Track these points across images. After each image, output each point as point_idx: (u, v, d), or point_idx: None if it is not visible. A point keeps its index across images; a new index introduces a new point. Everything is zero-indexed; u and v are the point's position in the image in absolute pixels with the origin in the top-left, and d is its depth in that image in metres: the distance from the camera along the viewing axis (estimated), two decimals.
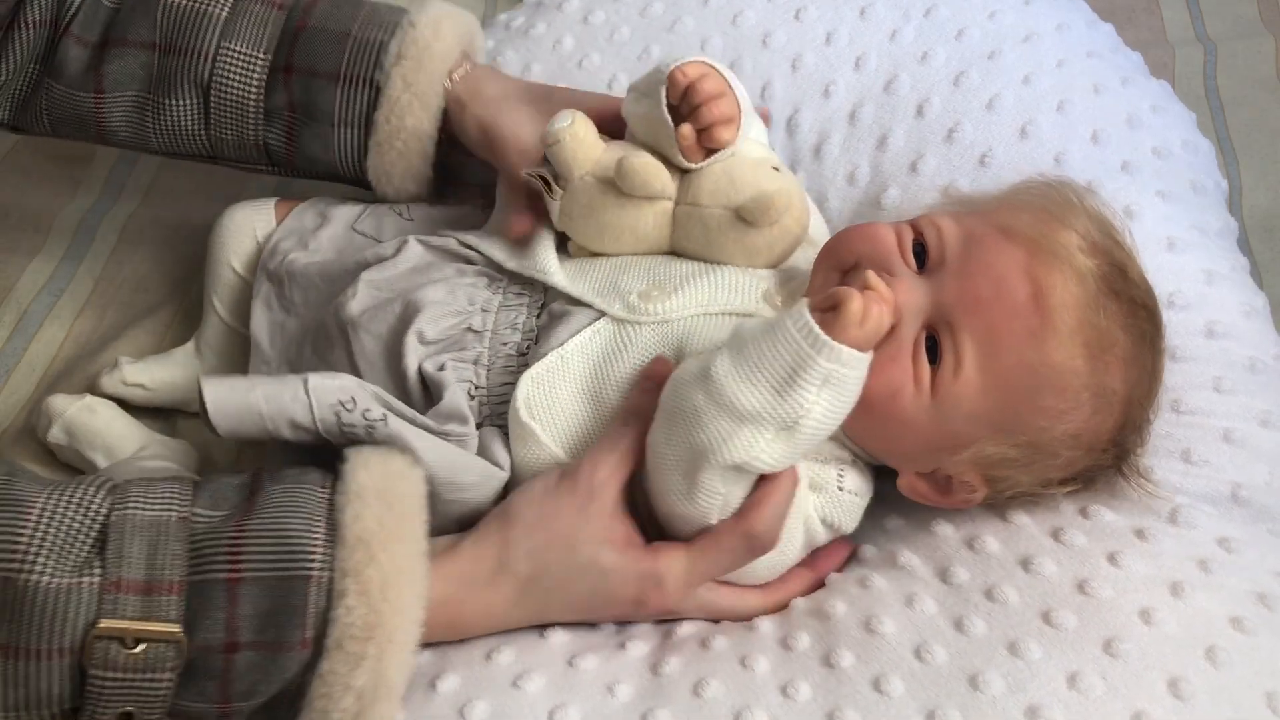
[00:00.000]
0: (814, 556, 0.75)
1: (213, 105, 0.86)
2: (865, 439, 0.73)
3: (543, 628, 0.72)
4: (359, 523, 0.65)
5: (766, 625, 0.72)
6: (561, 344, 0.75)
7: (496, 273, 0.81)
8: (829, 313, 0.64)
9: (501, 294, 0.79)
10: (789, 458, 0.67)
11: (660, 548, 0.71)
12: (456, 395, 0.74)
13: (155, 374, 0.92)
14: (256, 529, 0.64)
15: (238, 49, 0.85)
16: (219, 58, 0.85)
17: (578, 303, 0.77)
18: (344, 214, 0.89)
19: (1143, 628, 0.66)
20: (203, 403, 0.69)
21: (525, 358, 0.76)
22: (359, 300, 0.79)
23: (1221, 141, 1.09)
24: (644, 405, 0.71)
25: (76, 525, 0.63)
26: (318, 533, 0.64)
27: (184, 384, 0.92)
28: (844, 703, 0.65)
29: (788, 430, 0.65)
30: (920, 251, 0.73)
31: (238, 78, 0.85)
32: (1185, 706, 0.63)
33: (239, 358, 0.91)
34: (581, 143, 0.76)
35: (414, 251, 0.82)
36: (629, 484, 0.72)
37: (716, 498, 0.68)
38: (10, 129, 0.90)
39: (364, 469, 0.67)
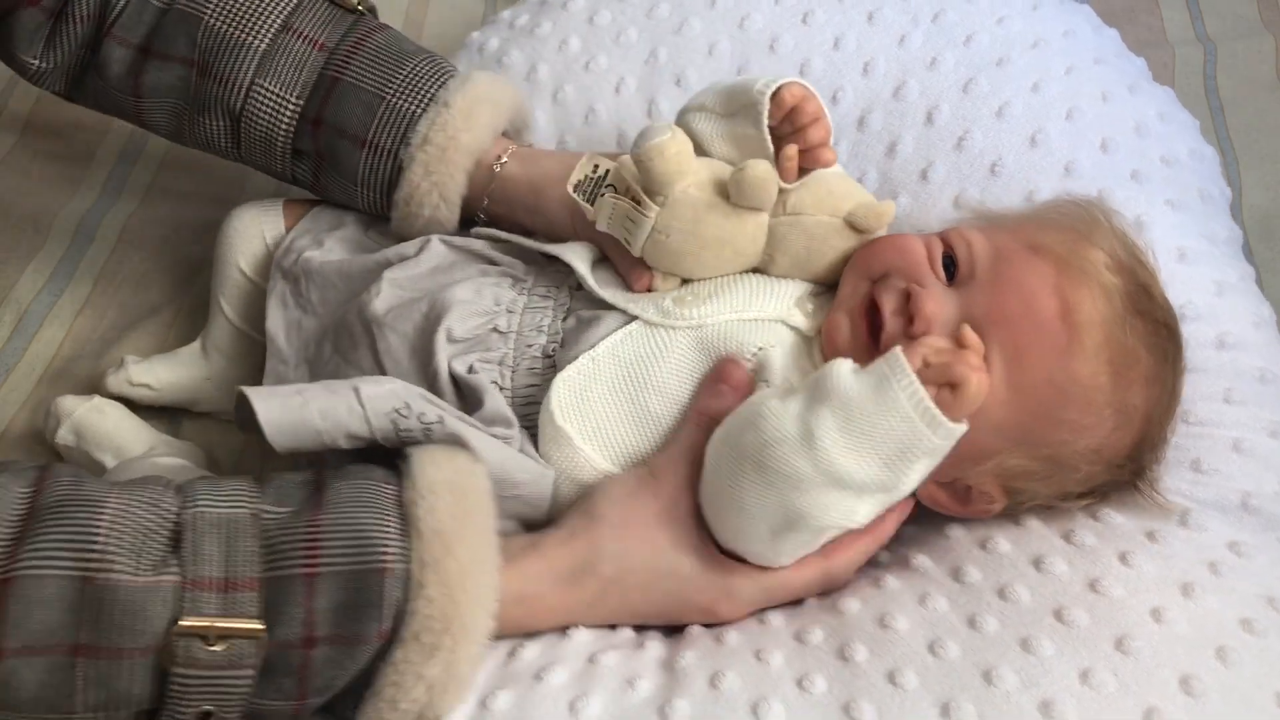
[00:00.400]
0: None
1: (243, 133, 0.86)
2: None
3: (565, 627, 0.73)
4: (433, 516, 0.65)
5: (779, 620, 0.73)
6: (592, 346, 0.75)
7: (521, 275, 0.81)
8: (944, 389, 0.64)
9: (526, 295, 0.79)
10: (877, 514, 0.68)
11: (738, 566, 0.71)
12: (496, 399, 0.74)
13: (160, 374, 0.92)
14: (330, 524, 0.64)
15: (271, 88, 0.84)
16: (251, 92, 0.84)
17: (605, 307, 0.77)
18: (359, 217, 0.89)
19: (1154, 626, 0.67)
20: (244, 414, 0.69)
21: (551, 360, 0.77)
22: (383, 299, 0.79)
23: (1221, 142, 1.09)
24: (718, 409, 0.72)
25: (149, 524, 0.63)
26: (390, 527, 0.65)
27: (189, 384, 0.92)
28: (859, 695, 0.66)
29: (885, 494, 0.66)
30: (949, 264, 0.74)
31: (267, 117, 0.85)
32: (1196, 704, 0.64)
33: (247, 359, 0.91)
34: (685, 149, 0.74)
35: (436, 250, 0.82)
36: None
37: (801, 549, 0.69)
38: (66, 99, 0.91)
39: (432, 465, 0.68)
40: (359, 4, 0.88)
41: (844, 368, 0.66)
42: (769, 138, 0.76)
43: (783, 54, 0.95)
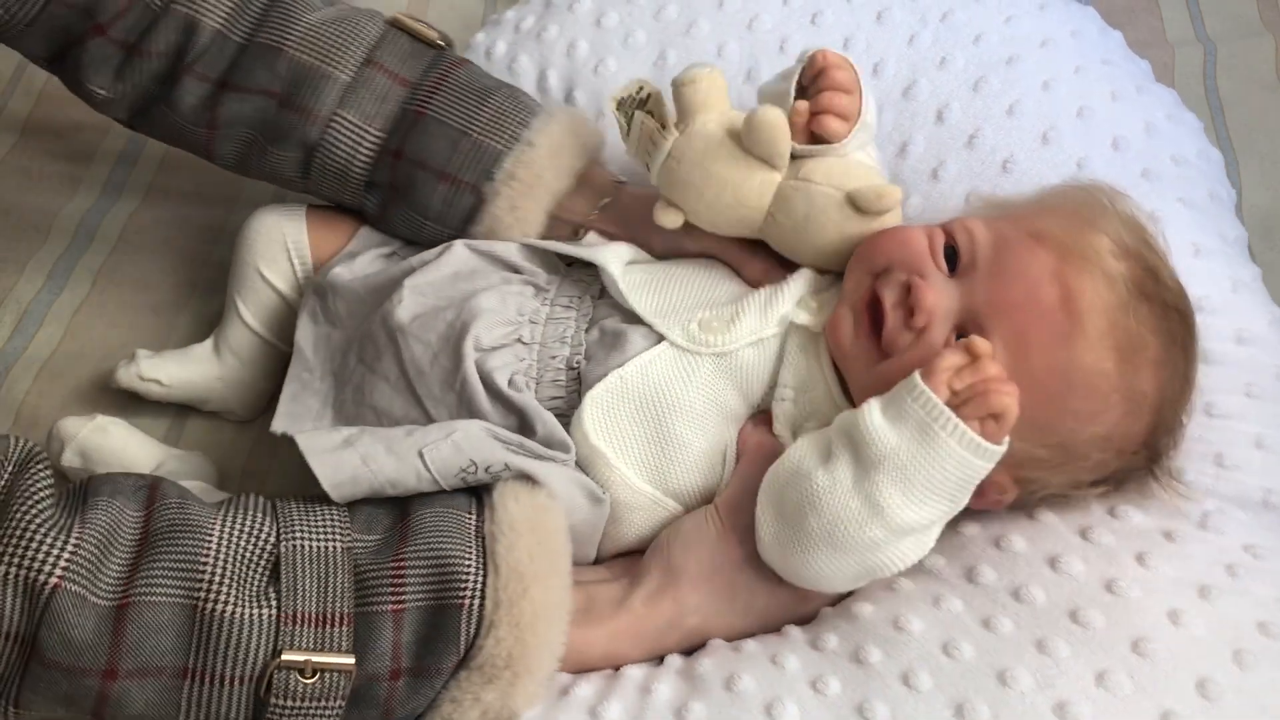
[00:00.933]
0: None
1: (315, 165, 0.86)
2: None
3: None
4: (512, 554, 0.67)
5: (794, 629, 0.73)
6: (621, 365, 0.75)
7: (543, 283, 0.81)
8: (988, 420, 0.65)
9: (549, 305, 0.80)
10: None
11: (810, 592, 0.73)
12: (551, 422, 0.74)
13: (172, 371, 0.91)
14: (414, 555, 0.66)
15: (352, 119, 0.84)
16: (331, 123, 0.84)
17: (630, 319, 0.78)
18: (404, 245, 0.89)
19: (1171, 629, 0.67)
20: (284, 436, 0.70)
21: (575, 372, 0.77)
22: (406, 307, 0.79)
23: (1221, 142, 1.09)
24: (777, 447, 0.74)
25: (250, 553, 0.65)
26: (470, 560, 0.66)
27: (200, 383, 0.92)
28: (873, 696, 0.67)
29: (950, 514, 0.68)
30: (951, 255, 0.74)
31: (345, 148, 0.84)
32: (1213, 707, 0.65)
33: (261, 362, 0.91)
34: (717, 87, 0.76)
35: (459, 255, 0.82)
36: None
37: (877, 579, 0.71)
38: (128, 126, 0.91)
39: (513, 500, 0.69)
40: (439, 39, 0.88)
41: (876, 419, 0.67)
42: (793, 94, 0.77)
43: (792, 55, 0.92)
